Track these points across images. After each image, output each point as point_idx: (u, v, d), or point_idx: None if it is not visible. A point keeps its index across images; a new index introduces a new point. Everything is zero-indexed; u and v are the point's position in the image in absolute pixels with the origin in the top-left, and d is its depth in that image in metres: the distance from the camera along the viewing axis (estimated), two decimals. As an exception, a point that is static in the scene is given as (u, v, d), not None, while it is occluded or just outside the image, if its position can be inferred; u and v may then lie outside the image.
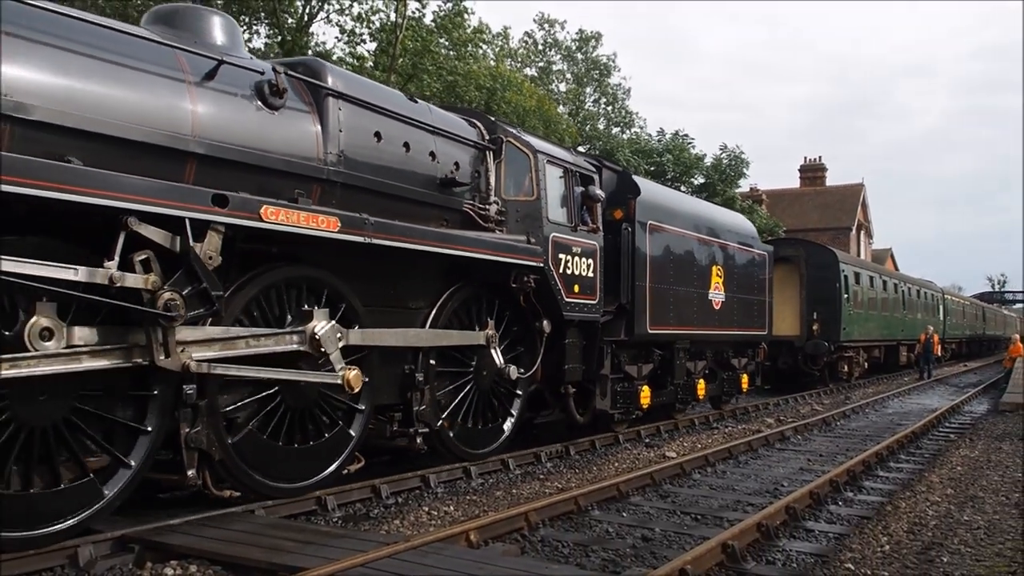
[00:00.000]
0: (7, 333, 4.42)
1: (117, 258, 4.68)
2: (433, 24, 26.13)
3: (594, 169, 9.46)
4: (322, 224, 5.65)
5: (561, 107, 33.36)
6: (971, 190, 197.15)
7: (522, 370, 8.16)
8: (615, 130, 36.85)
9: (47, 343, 4.44)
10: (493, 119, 8.64)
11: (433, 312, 7.30)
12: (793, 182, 48.87)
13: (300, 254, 6.03)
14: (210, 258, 5.04)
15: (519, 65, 34.64)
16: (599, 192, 9.05)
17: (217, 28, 6.09)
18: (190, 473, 5.28)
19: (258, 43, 25.10)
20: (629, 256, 9.66)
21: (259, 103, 5.86)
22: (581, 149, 27.78)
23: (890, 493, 7.38)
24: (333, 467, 6.33)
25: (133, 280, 4.74)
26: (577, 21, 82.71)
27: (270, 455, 5.84)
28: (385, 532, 5.60)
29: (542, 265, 8.04)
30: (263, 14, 24.47)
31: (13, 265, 4.26)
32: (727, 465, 8.71)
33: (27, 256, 4.38)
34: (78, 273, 4.54)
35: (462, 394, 7.71)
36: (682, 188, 28.20)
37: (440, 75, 25.66)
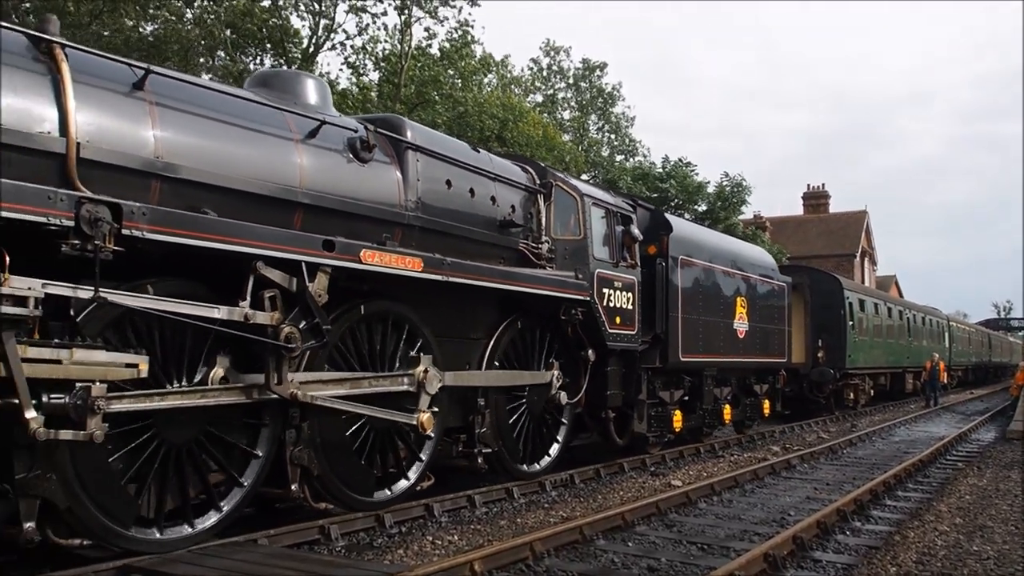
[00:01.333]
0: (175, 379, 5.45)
1: (249, 298, 5.59)
2: (439, 53, 26.78)
3: (632, 209, 10.51)
4: (409, 264, 6.60)
5: (566, 135, 33.98)
6: (974, 216, 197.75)
7: (570, 396, 9.04)
8: (619, 158, 37.47)
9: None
10: (543, 165, 9.77)
11: (492, 342, 8.22)
12: (793, 209, 49.85)
13: (383, 291, 6.92)
14: (319, 296, 5.94)
15: (522, 92, 35.32)
16: (638, 232, 10.10)
17: (311, 89, 7.13)
18: (293, 487, 6.20)
19: (264, 73, 25.79)
20: (663, 289, 10.71)
21: (351, 156, 6.83)
22: (586, 177, 28.33)
23: (898, 523, 7.45)
24: (408, 483, 7.25)
25: (262, 317, 5.67)
26: (579, 50, 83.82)
27: (358, 472, 6.72)
28: (389, 562, 5.77)
29: (589, 299, 9.01)
30: (269, 45, 25.14)
31: (172, 305, 5.20)
32: (733, 494, 8.84)
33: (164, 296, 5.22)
34: (220, 312, 5.45)
35: (515, 417, 8.58)
36: (685, 215, 28.68)
37: (449, 104, 26.25)
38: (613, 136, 39.50)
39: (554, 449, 9.16)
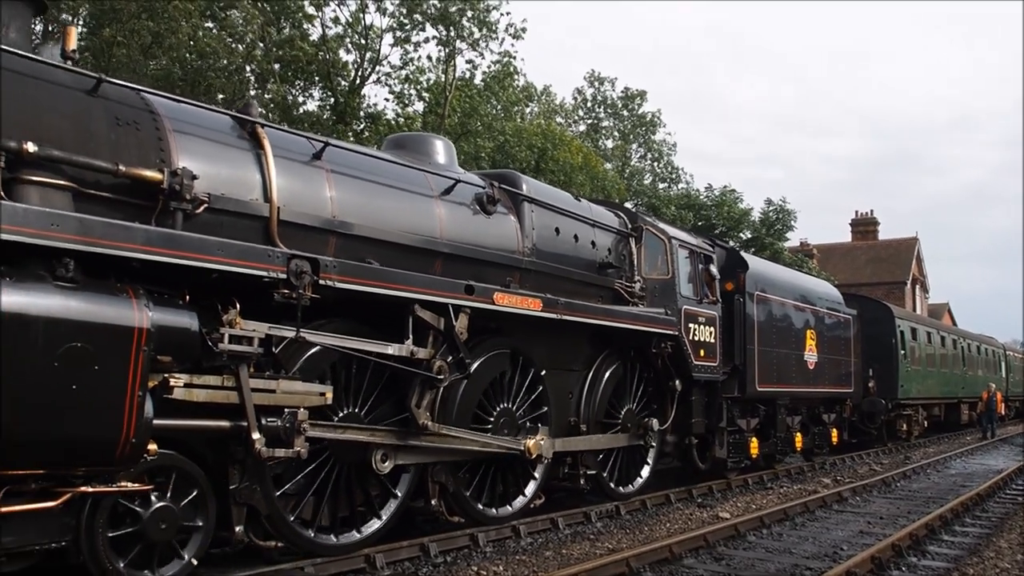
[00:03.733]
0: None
1: (411, 336, 6.81)
2: (482, 84, 28.11)
3: (712, 249, 11.82)
4: (530, 305, 7.86)
5: (608, 164, 35.24)
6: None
7: (660, 422, 10.26)
8: (661, 185, 38.69)
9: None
10: (633, 209, 11.28)
11: (591, 374, 9.45)
12: (837, 237, 50.47)
13: (503, 329, 8.12)
14: (462, 334, 7.15)
15: (564, 122, 36.65)
16: (716, 271, 11.38)
17: (440, 149, 8.49)
18: (433, 502, 7.45)
19: (312, 106, 27.31)
20: (741, 323, 12.02)
21: (478, 209, 8.14)
22: (628, 204, 29.44)
23: (956, 559, 7.54)
24: (523, 501, 8.42)
25: (423, 352, 6.92)
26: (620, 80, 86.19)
27: (483, 491, 7.96)
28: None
29: (677, 333, 10.22)
30: (317, 78, 26.61)
31: (353, 342, 6.44)
32: (783, 527, 9.03)
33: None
34: (392, 348, 6.72)
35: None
36: (730, 242, 29.70)
37: (491, 135, 27.52)
38: (656, 164, 40.83)
39: (645, 471, 10.35)
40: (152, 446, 5.12)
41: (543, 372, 8.55)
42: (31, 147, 4.90)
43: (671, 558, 7.12)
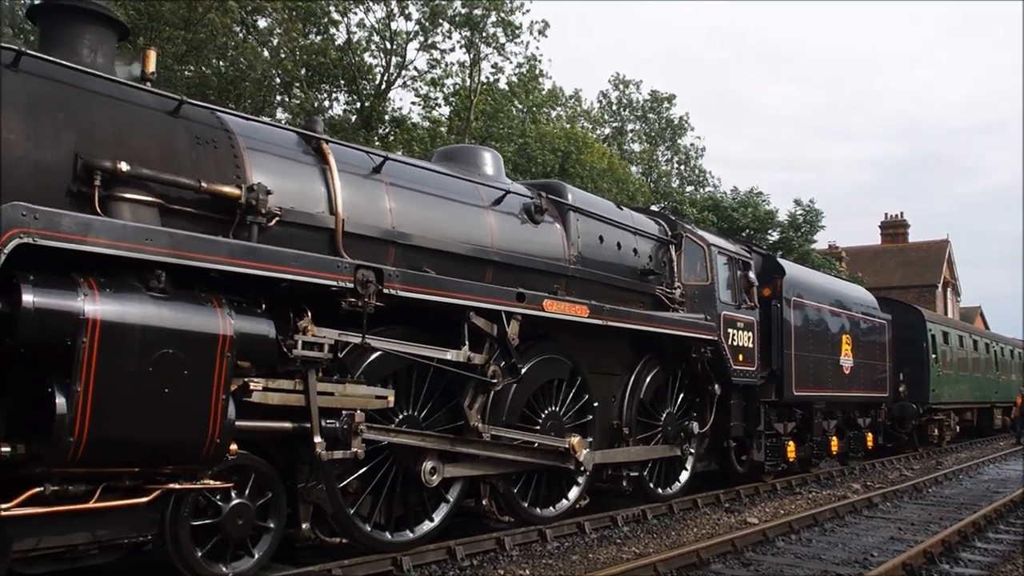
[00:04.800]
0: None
1: (467, 342, 7.25)
2: (507, 88, 28.51)
3: (749, 255, 12.23)
4: (578, 312, 8.27)
5: (634, 167, 35.61)
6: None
7: (700, 425, 10.64)
8: (688, 188, 38.98)
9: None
10: (672, 218, 11.59)
11: (632, 378, 9.81)
12: (865, 240, 50.39)
13: (549, 334, 8.49)
14: (513, 339, 7.59)
15: (591, 126, 37.00)
16: (755, 277, 11.79)
17: (489, 161, 8.94)
18: (484, 502, 7.88)
19: (338, 109, 27.82)
20: (778, 328, 12.43)
21: (526, 218, 8.56)
22: (655, 208, 29.72)
23: (990, 566, 7.50)
24: (569, 502, 8.82)
25: (478, 358, 7.36)
26: (646, 83, 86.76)
27: (527, 493, 8.36)
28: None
29: (717, 338, 10.61)
30: (343, 82, 27.12)
31: (414, 348, 6.88)
32: (812, 532, 9.08)
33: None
34: (450, 354, 7.14)
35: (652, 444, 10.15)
36: (757, 244, 29.88)
37: (512, 138, 27.92)
38: (683, 167, 41.15)
39: (683, 475, 10.73)
40: (233, 446, 5.54)
41: (588, 377, 8.93)
42: (124, 167, 5.35)
43: (699, 563, 7.21)
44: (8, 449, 4.66)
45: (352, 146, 7.44)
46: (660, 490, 10.29)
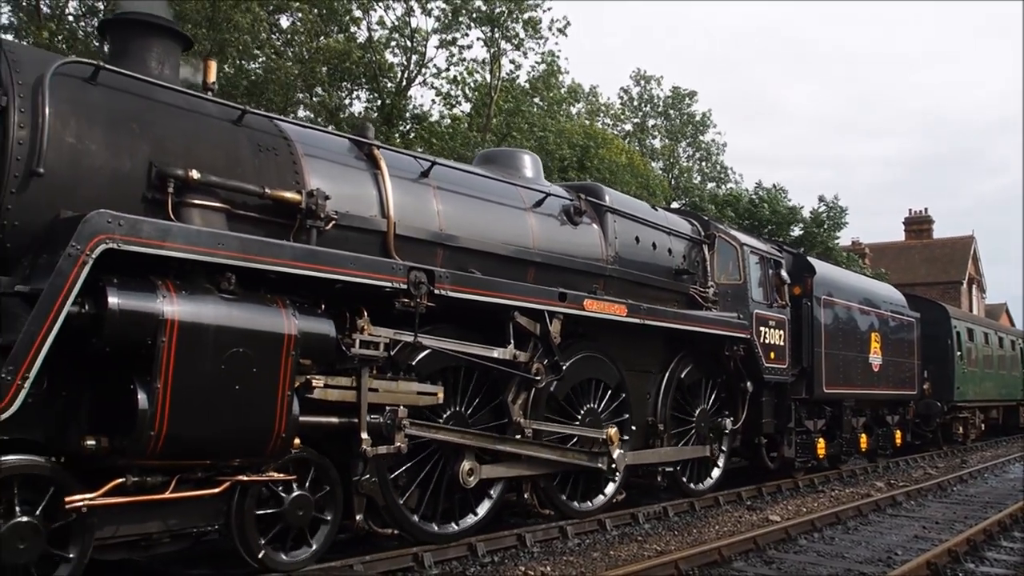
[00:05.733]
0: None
1: (512, 340, 7.57)
2: (527, 84, 28.78)
3: (780, 254, 12.54)
4: (617, 311, 8.61)
5: (655, 163, 35.83)
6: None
7: (732, 422, 10.98)
8: (710, 185, 39.16)
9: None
10: (705, 218, 11.94)
11: (666, 376, 10.12)
12: (888, 237, 50.24)
13: (587, 333, 8.78)
14: (556, 338, 7.89)
15: (611, 123, 37.23)
16: (786, 276, 12.07)
17: (528, 164, 9.26)
18: (526, 495, 8.14)
19: (358, 107, 28.18)
20: (809, 326, 12.73)
21: (565, 219, 8.89)
22: (676, 204, 29.94)
23: (1016, 565, 7.53)
24: (606, 497, 9.15)
25: (523, 356, 7.70)
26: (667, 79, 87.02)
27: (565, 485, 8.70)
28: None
29: (749, 336, 10.93)
30: (364, 80, 27.46)
31: (463, 346, 7.24)
32: (835, 531, 9.10)
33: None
34: (497, 352, 7.50)
35: (685, 440, 10.47)
36: (779, 239, 30.07)
37: (532, 133, 28.17)
38: (704, 163, 41.33)
39: (715, 472, 11.06)
40: (296, 440, 5.89)
41: (625, 374, 9.26)
42: (195, 174, 5.70)
43: (720, 561, 7.26)
44: (93, 442, 5.02)
45: (401, 151, 7.81)
46: (693, 485, 10.63)
